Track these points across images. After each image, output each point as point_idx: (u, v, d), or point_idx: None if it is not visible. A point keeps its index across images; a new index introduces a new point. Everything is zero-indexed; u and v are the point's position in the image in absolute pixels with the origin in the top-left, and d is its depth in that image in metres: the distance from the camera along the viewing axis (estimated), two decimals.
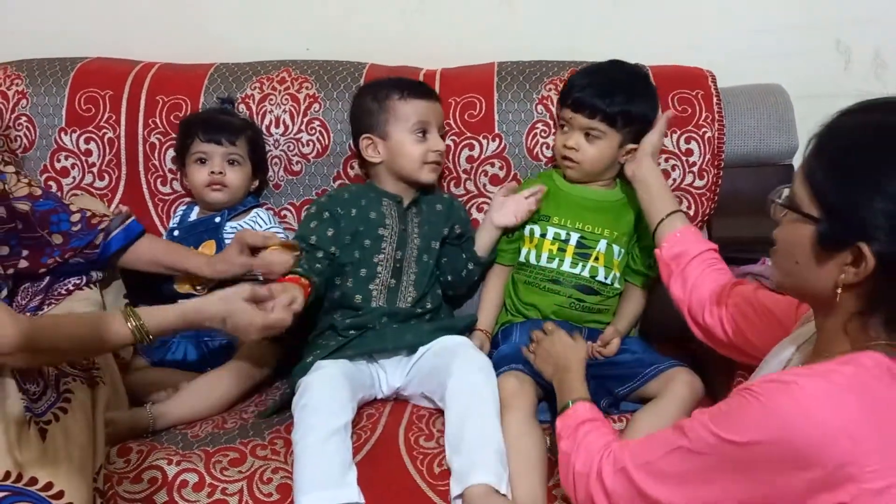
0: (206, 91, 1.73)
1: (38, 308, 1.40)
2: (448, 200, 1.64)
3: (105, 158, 1.73)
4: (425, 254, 1.57)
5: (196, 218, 1.67)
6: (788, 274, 0.95)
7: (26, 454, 1.10)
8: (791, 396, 0.85)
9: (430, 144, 1.55)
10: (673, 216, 1.37)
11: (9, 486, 1.07)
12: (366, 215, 1.55)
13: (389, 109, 1.54)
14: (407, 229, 1.56)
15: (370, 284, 1.52)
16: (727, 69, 1.73)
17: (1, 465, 1.08)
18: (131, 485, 1.24)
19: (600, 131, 1.51)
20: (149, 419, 1.36)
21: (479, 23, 1.88)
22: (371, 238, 1.54)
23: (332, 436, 1.25)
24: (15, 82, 1.75)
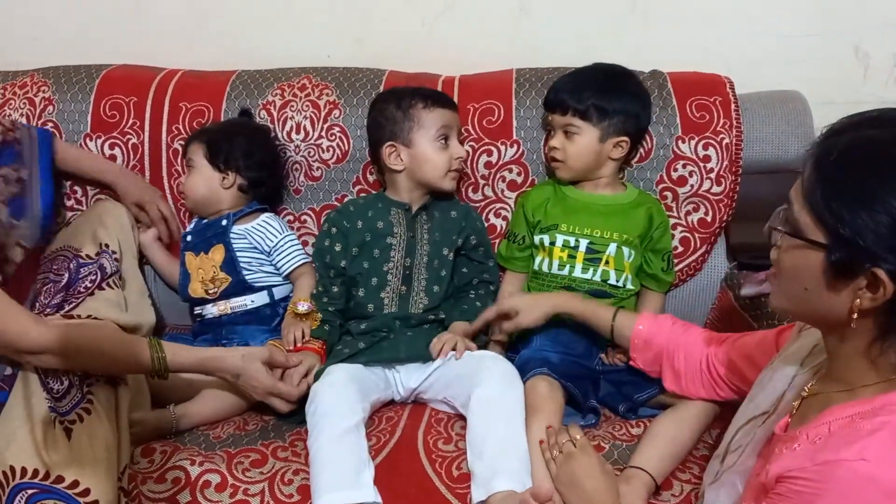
0: (228, 98, 1.75)
1: (60, 307, 1.42)
2: (464, 209, 1.65)
3: (129, 164, 1.76)
4: (436, 259, 1.58)
5: (205, 222, 1.69)
6: (796, 300, 0.89)
7: (53, 454, 1.13)
8: (853, 471, 0.79)
9: (452, 152, 1.57)
10: (617, 317, 1.40)
11: (37, 483, 1.10)
12: (373, 226, 1.58)
13: (414, 118, 1.56)
14: (416, 236, 1.58)
15: (381, 293, 1.55)
16: (745, 75, 1.73)
17: (29, 464, 1.11)
18: (155, 484, 1.26)
19: (576, 126, 1.54)
20: (172, 420, 1.38)
21: (497, 30, 1.89)
22: (380, 248, 1.57)
23: (344, 437, 1.27)
24: (42, 89, 1.79)
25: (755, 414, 1.03)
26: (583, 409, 1.41)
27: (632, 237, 1.56)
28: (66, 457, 1.14)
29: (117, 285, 1.52)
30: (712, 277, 1.69)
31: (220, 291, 1.62)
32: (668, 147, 1.65)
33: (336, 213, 1.64)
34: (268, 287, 1.63)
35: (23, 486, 1.11)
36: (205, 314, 1.64)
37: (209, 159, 1.64)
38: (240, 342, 1.57)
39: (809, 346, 1.03)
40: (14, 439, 1.15)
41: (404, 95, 1.60)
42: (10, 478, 1.11)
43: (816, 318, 0.91)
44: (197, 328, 1.67)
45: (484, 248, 1.65)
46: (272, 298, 1.64)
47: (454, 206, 1.65)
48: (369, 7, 1.91)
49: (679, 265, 1.66)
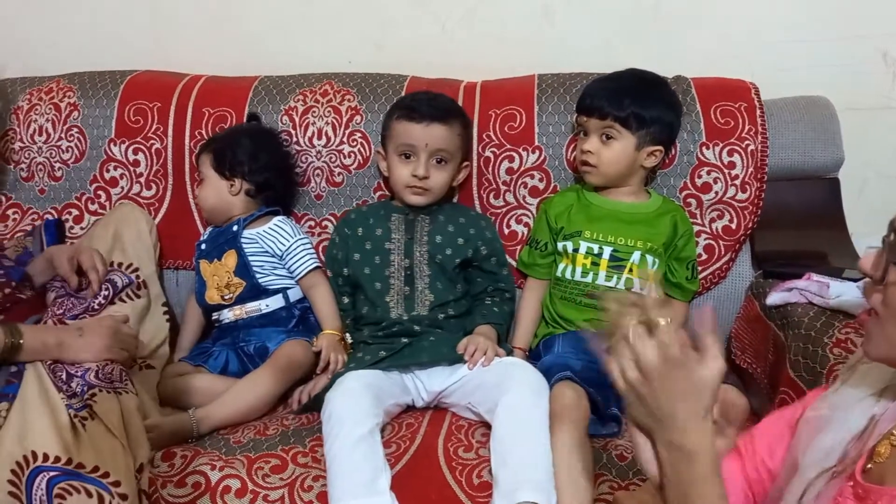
0: (250, 103, 1.76)
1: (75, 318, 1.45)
2: (474, 217, 1.65)
3: (152, 169, 1.77)
4: (438, 255, 1.57)
5: (217, 229, 1.70)
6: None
7: (73, 442, 1.15)
8: None
9: (411, 168, 1.55)
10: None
11: (58, 467, 1.12)
12: (372, 232, 1.60)
13: (389, 127, 1.60)
14: (414, 237, 1.59)
15: (386, 296, 1.56)
16: (771, 81, 1.71)
17: (51, 450, 1.13)
18: (175, 489, 1.26)
19: (615, 131, 1.52)
20: (192, 423, 1.38)
21: (519, 35, 1.89)
22: (379, 254, 1.59)
23: (359, 443, 1.26)
24: (67, 94, 1.80)
25: (827, 465, 0.85)
26: (604, 416, 1.39)
27: (656, 245, 1.55)
28: (86, 446, 1.16)
29: (131, 298, 1.53)
30: (737, 286, 1.67)
31: (235, 296, 1.62)
32: (693, 153, 1.64)
33: (340, 222, 1.67)
34: (282, 290, 1.64)
35: (43, 469, 1.12)
36: (222, 319, 1.64)
37: (216, 168, 1.65)
38: (257, 343, 1.58)
39: (885, 379, 0.88)
40: (35, 426, 1.16)
41: (399, 102, 1.64)
42: (31, 461, 1.13)
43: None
44: (215, 333, 1.67)
45: (496, 257, 1.64)
46: (287, 301, 1.64)
47: (464, 213, 1.64)
48: (391, 13, 1.91)
49: (703, 273, 1.64)
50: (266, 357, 1.55)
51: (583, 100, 1.58)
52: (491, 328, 1.56)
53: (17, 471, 1.12)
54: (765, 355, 1.48)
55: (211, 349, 1.61)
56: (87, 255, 1.51)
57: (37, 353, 1.28)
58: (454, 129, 1.57)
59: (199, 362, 1.58)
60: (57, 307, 1.47)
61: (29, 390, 1.22)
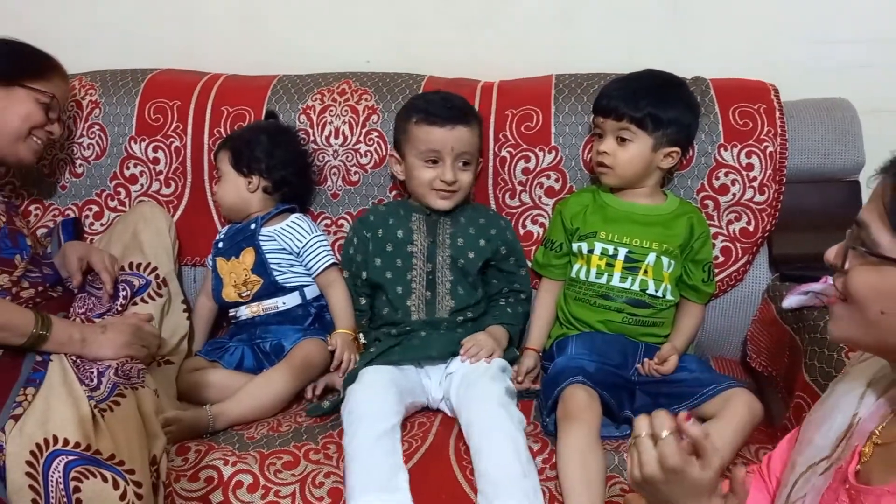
0: (269, 101, 1.77)
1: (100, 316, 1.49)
2: (494, 217, 1.64)
3: (172, 166, 1.79)
4: (461, 259, 1.56)
5: (235, 227, 1.71)
6: (867, 327, 0.84)
7: (92, 431, 1.19)
8: None
9: (439, 172, 1.54)
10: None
11: (77, 452, 1.16)
12: (393, 235, 1.58)
13: (407, 131, 1.58)
14: (436, 240, 1.57)
15: (407, 301, 1.56)
16: (791, 83, 1.69)
17: (71, 436, 1.17)
18: (188, 482, 1.27)
19: (631, 132, 1.51)
20: (209, 419, 1.39)
21: (537, 36, 1.88)
22: (401, 257, 1.57)
23: (380, 439, 1.27)
24: (89, 92, 1.83)
25: (815, 460, 0.93)
26: (617, 419, 1.39)
27: (672, 247, 1.54)
28: (104, 435, 1.20)
29: (153, 298, 1.56)
30: (754, 289, 1.65)
31: (252, 294, 1.63)
32: (710, 155, 1.63)
33: (358, 223, 1.66)
34: (299, 287, 1.64)
35: (61, 453, 1.16)
36: (238, 316, 1.66)
37: (234, 165, 1.66)
38: (273, 341, 1.59)
39: (874, 369, 0.93)
40: (57, 413, 1.20)
41: (410, 106, 1.62)
42: (51, 444, 1.17)
43: (888, 346, 0.85)
44: (232, 329, 1.69)
45: (515, 257, 1.64)
46: (304, 299, 1.64)
47: (483, 213, 1.64)
48: (409, 13, 1.91)
49: (719, 275, 1.63)
50: (282, 355, 1.56)
51: (599, 100, 1.57)
52: (502, 329, 1.56)
53: (35, 452, 1.17)
54: (780, 358, 1.46)
55: (227, 344, 1.62)
56: (97, 257, 1.54)
57: (62, 345, 1.33)
58: (475, 130, 1.57)
59: (215, 357, 1.60)
60: (79, 305, 1.50)
61: (54, 379, 1.27)
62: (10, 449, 1.18)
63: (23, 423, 1.21)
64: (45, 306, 1.45)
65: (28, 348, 1.32)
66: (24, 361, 1.31)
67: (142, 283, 1.56)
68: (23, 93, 1.55)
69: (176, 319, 1.60)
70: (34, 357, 1.32)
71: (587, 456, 1.26)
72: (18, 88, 1.55)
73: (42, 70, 1.58)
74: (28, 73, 1.56)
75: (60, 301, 1.52)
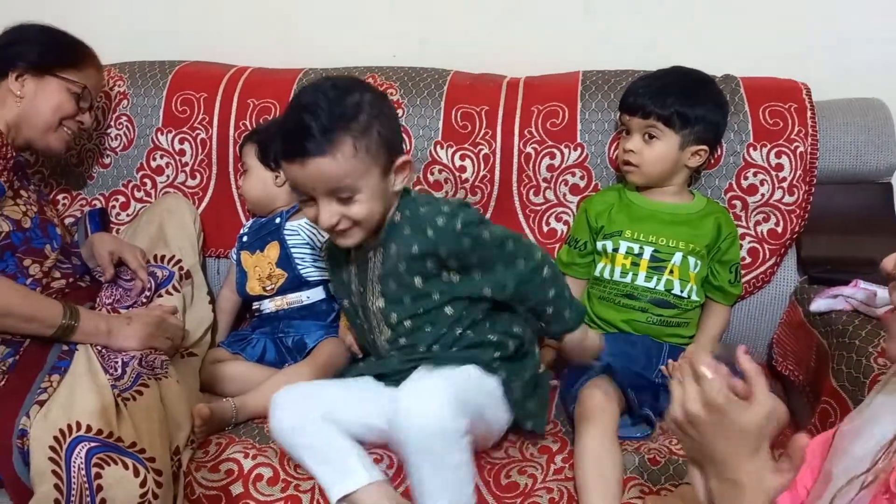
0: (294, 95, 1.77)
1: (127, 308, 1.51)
2: (424, 218, 1.19)
3: (197, 158, 1.80)
4: (392, 280, 1.23)
5: (260, 221, 1.71)
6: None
7: (115, 419, 1.21)
8: None
9: (318, 212, 1.17)
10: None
11: (99, 438, 1.18)
12: (338, 273, 1.34)
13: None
14: (366, 276, 1.26)
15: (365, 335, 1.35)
16: (824, 82, 1.67)
17: (94, 423, 1.19)
18: (209, 473, 1.28)
19: (658, 130, 1.49)
20: (232, 411, 1.40)
21: (563, 32, 1.86)
22: (345, 297, 1.35)
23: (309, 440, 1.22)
24: (117, 83, 1.84)
25: (857, 472, 0.86)
26: (636, 417, 1.37)
27: (698, 247, 1.52)
28: (126, 423, 1.22)
29: (177, 290, 1.57)
30: (781, 291, 1.63)
31: (276, 288, 1.64)
32: (739, 154, 1.60)
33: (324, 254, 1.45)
34: (323, 282, 1.64)
35: (84, 439, 1.18)
36: (262, 310, 1.66)
37: (261, 159, 1.66)
38: (296, 337, 1.59)
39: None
40: (81, 400, 1.22)
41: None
42: (74, 429, 1.19)
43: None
44: (255, 322, 1.69)
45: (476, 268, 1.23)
46: (328, 294, 1.64)
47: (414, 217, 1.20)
48: (436, 7, 1.90)
49: (746, 277, 1.61)
50: (304, 351, 1.56)
51: (626, 98, 1.55)
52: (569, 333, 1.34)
53: (59, 437, 1.19)
54: (807, 363, 1.44)
55: (249, 336, 1.63)
56: (130, 254, 1.55)
57: (89, 336, 1.35)
58: (343, 152, 1.10)
59: (237, 350, 1.60)
60: (106, 296, 1.52)
61: (79, 367, 1.30)
62: (34, 433, 1.21)
63: (47, 408, 1.23)
64: (73, 296, 1.48)
65: (56, 339, 1.34)
66: (51, 351, 1.34)
67: (166, 275, 1.57)
68: (55, 83, 1.54)
69: (200, 312, 1.61)
70: (60, 346, 1.34)
71: (604, 456, 1.25)
72: (51, 78, 1.53)
73: (76, 60, 1.57)
74: (62, 62, 1.55)
75: (88, 291, 1.54)
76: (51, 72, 1.54)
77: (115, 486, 1.18)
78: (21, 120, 1.52)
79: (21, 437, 1.23)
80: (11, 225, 1.41)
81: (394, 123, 1.18)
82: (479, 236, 1.19)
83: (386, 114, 1.16)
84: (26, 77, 1.51)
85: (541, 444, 1.33)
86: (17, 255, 1.42)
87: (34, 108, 1.52)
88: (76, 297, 1.49)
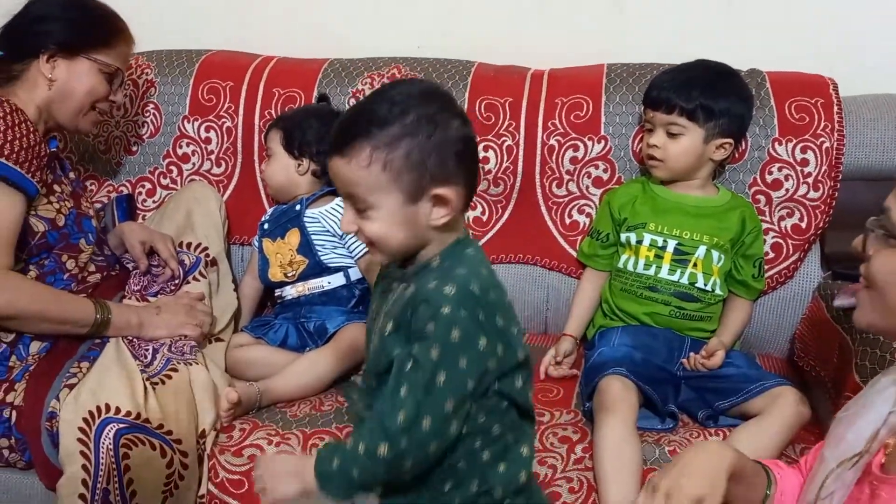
0: (319, 84, 1.79)
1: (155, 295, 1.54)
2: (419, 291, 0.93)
3: (223, 146, 1.82)
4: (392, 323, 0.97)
5: (281, 209, 1.72)
6: (885, 311, 0.85)
7: (143, 402, 1.25)
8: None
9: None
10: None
11: (127, 420, 1.21)
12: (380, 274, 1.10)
13: None
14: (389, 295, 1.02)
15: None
16: (852, 78, 1.65)
17: (123, 405, 1.22)
18: (233, 457, 1.30)
19: (681, 126, 1.49)
20: (257, 395, 1.42)
21: (589, 24, 1.86)
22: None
23: None
24: (145, 71, 1.86)
25: (847, 456, 0.91)
26: (661, 413, 1.38)
27: (722, 241, 1.51)
28: (153, 406, 1.24)
29: (204, 276, 1.59)
30: (804, 286, 1.62)
31: (298, 274, 1.66)
32: (764, 149, 1.60)
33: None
34: (343, 268, 1.66)
35: (112, 420, 1.21)
36: (284, 296, 1.68)
37: (285, 146, 1.67)
38: (318, 322, 1.60)
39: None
40: (109, 383, 1.25)
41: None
42: (102, 412, 1.22)
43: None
44: (278, 308, 1.71)
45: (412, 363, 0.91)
46: (348, 280, 1.66)
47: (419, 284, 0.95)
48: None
49: (769, 272, 1.60)
50: (325, 336, 1.57)
51: (649, 92, 1.55)
52: None
53: (88, 419, 1.21)
54: (830, 358, 1.43)
55: (272, 322, 1.65)
56: (162, 244, 1.56)
57: (121, 330, 1.38)
58: (358, 159, 0.93)
59: (259, 334, 1.62)
60: (134, 283, 1.54)
61: (109, 356, 1.33)
62: (63, 416, 1.24)
63: (77, 391, 1.26)
64: (104, 287, 1.50)
65: (90, 336, 1.37)
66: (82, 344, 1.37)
67: (193, 262, 1.59)
68: (87, 64, 1.46)
69: (226, 298, 1.62)
70: (92, 340, 1.38)
71: (622, 447, 1.25)
72: (83, 59, 1.46)
73: (108, 38, 1.49)
74: (94, 42, 1.47)
75: (118, 279, 1.56)
76: (83, 52, 1.46)
77: (143, 466, 1.21)
78: (52, 103, 1.46)
79: (50, 420, 1.27)
80: (46, 224, 1.41)
81: (442, 151, 0.94)
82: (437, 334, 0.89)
83: (433, 137, 0.94)
84: (58, 59, 1.45)
85: (561, 435, 1.33)
86: (55, 253, 1.43)
87: (66, 92, 1.46)
88: (107, 286, 1.51)
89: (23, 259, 1.39)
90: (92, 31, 1.49)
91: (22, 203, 1.35)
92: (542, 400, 1.43)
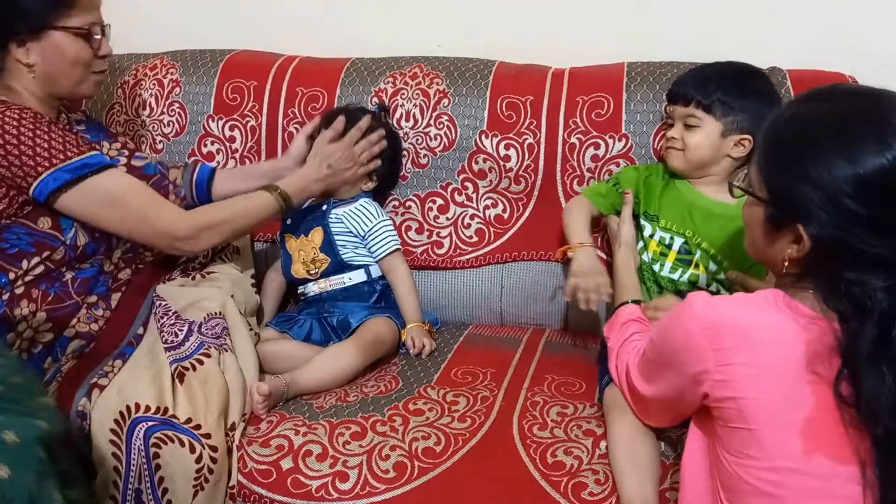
0: (342, 84, 1.81)
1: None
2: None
3: (247, 145, 1.84)
4: None
5: (306, 206, 1.73)
6: (752, 245, 1.10)
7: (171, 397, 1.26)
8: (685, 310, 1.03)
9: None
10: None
11: (156, 417, 1.23)
12: None
13: None
14: None
15: None
16: (871, 76, 1.65)
17: (151, 402, 1.24)
18: (260, 448, 1.32)
19: (698, 118, 1.50)
20: (284, 387, 1.44)
21: (610, 23, 1.87)
22: None
23: None
24: (170, 71, 1.89)
25: None
26: None
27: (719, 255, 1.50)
28: (181, 399, 1.26)
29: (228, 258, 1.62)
30: None
31: (320, 272, 1.67)
32: None
33: None
34: (364, 266, 1.68)
35: (142, 419, 1.22)
36: (307, 292, 1.70)
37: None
38: (340, 317, 1.62)
39: None
40: (139, 381, 1.27)
41: None
42: (133, 411, 1.23)
43: (765, 261, 1.09)
44: (301, 304, 1.73)
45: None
46: (369, 276, 1.68)
47: None
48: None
49: None
50: (348, 331, 1.59)
51: (671, 89, 1.57)
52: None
53: (119, 420, 1.22)
54: None
55: (296, 317, 1.67)
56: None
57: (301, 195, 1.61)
58: None
59: (284, 329, 1.64)
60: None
61: (142, 350, 1.35)
62: (94, 416, 1.25)
63: (107, 392, 1.27)
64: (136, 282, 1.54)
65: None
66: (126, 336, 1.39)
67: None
68: (58, 36, 1.37)
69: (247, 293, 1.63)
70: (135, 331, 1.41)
71: (635, 444, 1.25)
72: (52, 32, 1.36)
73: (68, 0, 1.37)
74: (53, 10, 1.36)
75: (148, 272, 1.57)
76: (49, 26, 1.36)
77: (173, 463, 1.22)
78: (44, 86, 1.40)
79: (81, 419, 1.27)
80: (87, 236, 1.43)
81: None
82: None
83: None
84: (28, 43, 1.36)
85: (585, 428, 1.34)
86: (98, 256, 1.46)
87: (52, 72, 1.39)
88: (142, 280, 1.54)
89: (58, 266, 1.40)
90: (45, 1, 1.37)
91: (121, 169, 1.43)
92: (566, 393, 1.44)
